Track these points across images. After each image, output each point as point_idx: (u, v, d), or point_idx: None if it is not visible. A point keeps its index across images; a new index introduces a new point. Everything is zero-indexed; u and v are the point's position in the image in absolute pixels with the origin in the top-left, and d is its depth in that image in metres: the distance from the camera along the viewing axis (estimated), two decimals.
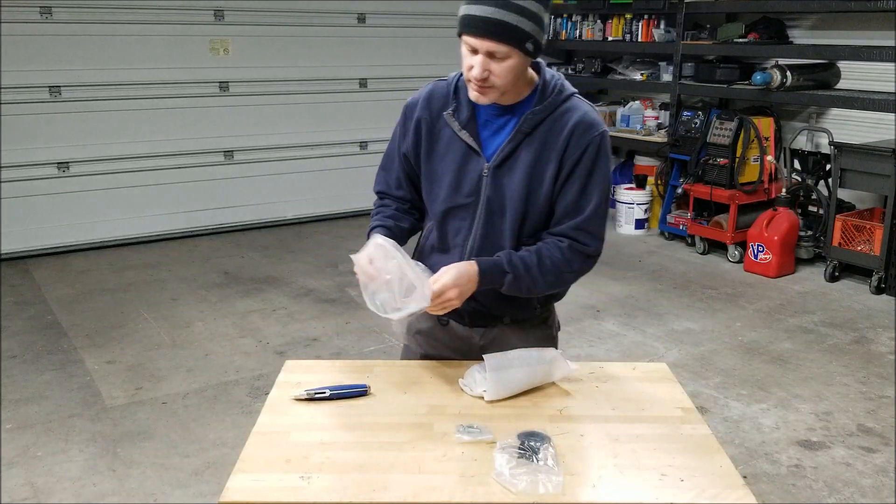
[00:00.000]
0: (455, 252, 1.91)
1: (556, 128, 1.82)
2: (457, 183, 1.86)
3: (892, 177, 4.77)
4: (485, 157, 1.83)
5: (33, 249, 5.64)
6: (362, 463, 1.52)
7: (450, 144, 1.86)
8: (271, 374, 3.74)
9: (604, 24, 6.79)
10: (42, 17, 5.37)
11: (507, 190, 1.83)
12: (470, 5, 1.67)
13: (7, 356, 4.02)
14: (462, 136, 1.83)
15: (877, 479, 3.01)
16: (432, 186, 1.90)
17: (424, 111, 1.89)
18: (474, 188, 1.85)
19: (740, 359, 4.06)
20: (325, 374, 1.90)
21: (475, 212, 1.87)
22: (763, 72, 5.37)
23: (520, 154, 1.82)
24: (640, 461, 1.55)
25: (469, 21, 1.67)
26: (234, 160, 6.32)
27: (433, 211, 1.93)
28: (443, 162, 1.87)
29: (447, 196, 1.87)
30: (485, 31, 1.66)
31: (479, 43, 1.67)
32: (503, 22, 1.65)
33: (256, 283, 5.17)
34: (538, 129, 1.82)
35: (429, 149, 1.89)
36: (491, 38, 1.66)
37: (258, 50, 6.17)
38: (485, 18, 1.65)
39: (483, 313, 1.96)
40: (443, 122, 1.86)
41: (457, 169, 1.85)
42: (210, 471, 3.03)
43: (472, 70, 1.71)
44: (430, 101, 1.89)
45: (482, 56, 1.69)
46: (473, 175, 1.84)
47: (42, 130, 5.52)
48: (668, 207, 6.19)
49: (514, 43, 1.67)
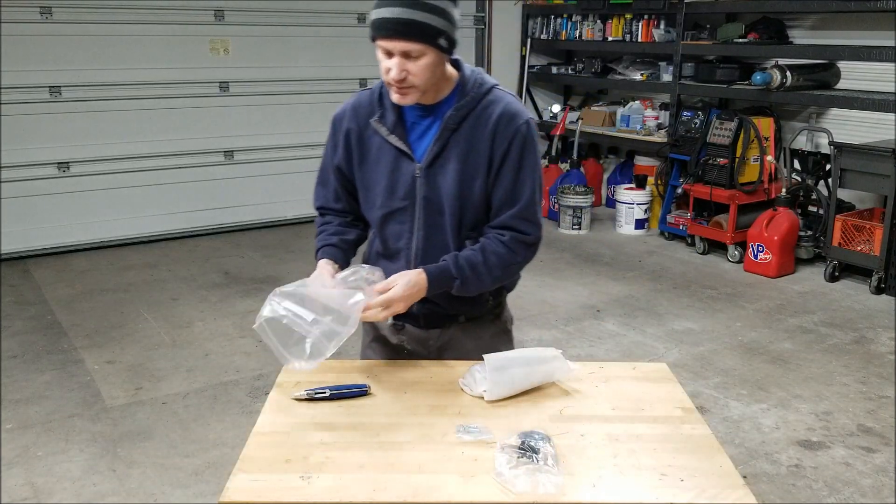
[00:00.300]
0: (401, 256, 1.93)
1: (482, 121, 1.83)
2: (391, 187, 1.88)
3: (891, 177, 4.78)
4: (415, 159, 1.85)
5: (33, 249, 5.64)
6: (362, 463, 1.52)
7: (380, 151, 1.88)
8: (271, 374, 3.74)
9: (604, 24, 6.79)
10: (42, 17, 5.37)
11: (442, 188, 1.85)
12: (378, 9, 1.69)
13: (7, 356, 4.02)
14: (391, 140, 1.85)
15: (877, 479, 3.01)
16: (368, 194, 1.93)
17: (352, 122, 1.91)
18: (409, 191, 1.87)
19: (740, 359, 4.06)
20: (325, 374, 1.90)
21: (413, 214, 1.89)
22: (763, 72, 5.37)
23: (449, 151, 1.84)
24: (640, 461, 1.55)
25: (379, 24, 1.69)
26: (234, 160, 6.32)
27: (372, 218, 1.96)
28: (376, 169, 1.89)
29: (383, 201, 1.90)
30: (396, 31, 1.67)
31: (393, 44, 1.69)
32: (412, 20, 1.66)
33: (256, 283, 5.17)
34: (464, 125, 1.83)
35: (361, 158, 1.91)
36: (403, 38, 1.68)
37: (258, 50, 6.17)
38: (394, 19, 1.66)
39: (438, 314, 1.98)
40: (371, 130, 1.88)
41: (389, 174, 1.87)
42: (210, 471, 3.03)
43: (389, 73, 1.72)
44: (357, 110, 1.91)
45: (397, 57, 1.71)
46: (406, 178, 1.86)
47: (42, 130, 5.52)
48: (668, 207, 6.19)
49: (426, 40, 1.69)
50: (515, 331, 2.19)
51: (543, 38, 7.32)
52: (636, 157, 6.84)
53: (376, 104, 1.88)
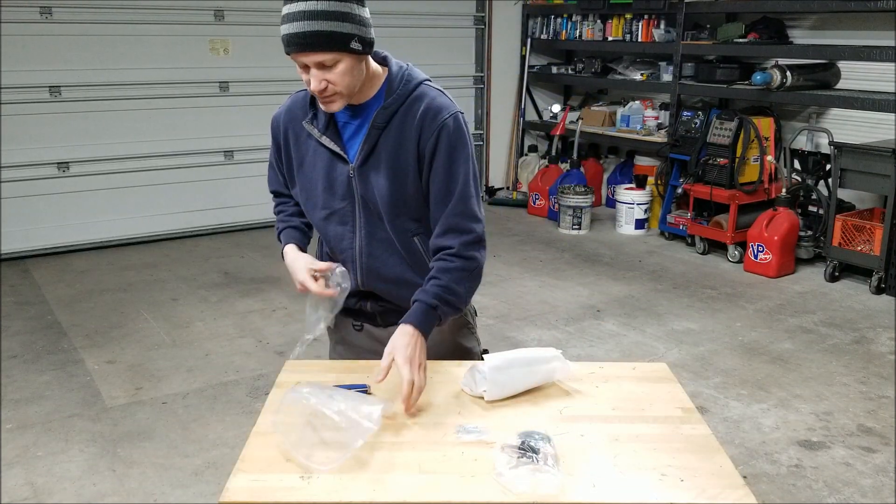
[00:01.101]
0: (347, 256, 1.93)
1: (409, 118, 1.83)
2: (330, 188, 1.88)
3: (892, 177, 4.78)
4: (349, 160, 1.85)
5: (33, 249, 5.64)
6: (362, 463, 1.52)
7: (316, 152, 1.89)
8: (271, 374, 3.74)
9: (604, 24, 6.79)
10: (42, 17, 5.37)
11: (376, 188, 1.85)
12: (284, 25, 1.70)
13: (7, 356, 4.02)
14: (324, 142, 1.85)
15: (877, 479, 3.01)
16: (308, 195, 1.93)
17: (288, 123, 1.93)
18: (346, 191, 1.87)
19: (740, 359, 4.06)
20: (325, 374, 1.90)
21: (354, 214, 1.89)
22: (763, 72, 5.37)
23: (379, 150, 1.84)
24: (640, 461, 1.55)
25: (289, 40, 1.69)
26: (234, 160, 6.32)
27: (314, 219, 1.96)
28: (314, 170, 1.90)
29: (324, 202, 1.90)
30: (305, 45, 1.67)
31: (305, 58, 1.69)
32: (319, 31, 1.66)
33: (256, 283, 5.17)
34: (392, 122, 1.83)
35: (300, 159, 1.91)
36: (313, 50, 1.68)
37: (258, 50, 6.17)
38: (300, 34, 1.66)
39: (391, 310, 1.97)
40: (306, 132, 1.89)
41: (326, 175, 1.88)
42: (210, 471, 3.03)
43: (310, 85, 1.73)
44: (292, 112, 1.93)
45: (314, 69, 1.71)
46: (342, 178, 1.87)
47: (42, 130, 5.53)
48: (668, 207, 6.19)
49: (336, 48, 1.68)
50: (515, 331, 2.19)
51: (543, 37, 7.32)
52: (636, 157, 6.85)
53: (308, 105, 1.88)
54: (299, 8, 1.66)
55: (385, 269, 1.92)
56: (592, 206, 6.52)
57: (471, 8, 7.18)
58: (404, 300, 1.89)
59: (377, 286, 1.95)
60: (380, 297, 1.92)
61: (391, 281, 1.94)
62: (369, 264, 1.92)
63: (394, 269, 1.92)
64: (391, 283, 1.94)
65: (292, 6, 1.68)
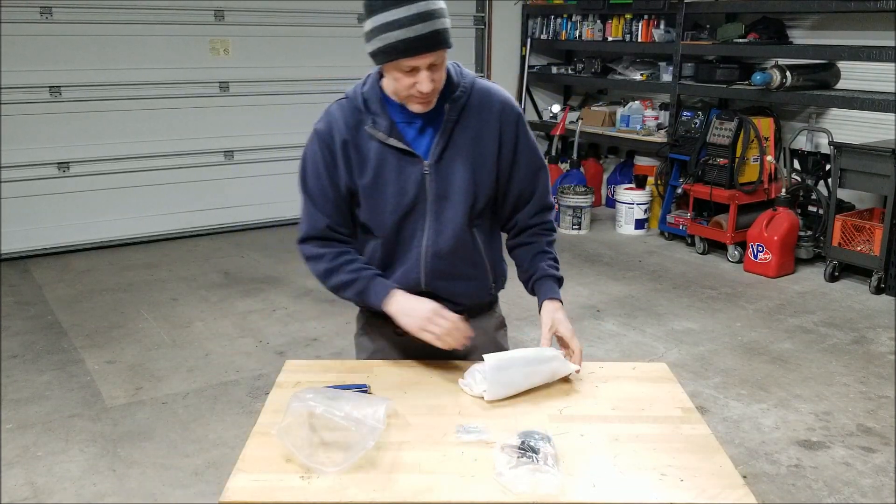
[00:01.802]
0: (412, 254, 1.93)
1: (483, 111, 1.87)
2: (400, 190, 1.86)
3: (891, 177, 4.78)
4: (421, 156, 1.85)
5: (33, 249, 5.64)
6: (362, 463, 1.52)
7: (381, 156, 1.85)
8: (271, 374, 3.74)
9: (604, 25, 6.79)
10: (42, 17, 5.37)
11: (453, 181, 1.86)
12: (397, 31, 1.66)
13: (7, 356, 4.02)
14: (391, 143, 1.84)
15: (877, 479, 3.01)
16: (377, 202, 1.89)
17: (344, 133, 1.86)
18: (418, 190, 1.87)
19: (740, 359, 4.06)
20: (325, 374, 1.91)
21: (425, 211, 1.89)
22: (763, 72, 5.37)
23: (455, 143, 1.85)
24: (640, 461, 1.55)
25: (406, 45, 1.66)
26: (234, 160, 6.32)
27: (383, 225, 1.91)
28: (380, 175, 1.86)
29: (394, 206, 1.88)
30: (427, 47, 1.67)
31: (422, 60, 1.69)
32: (435, 32, 1.67)
33: (256, 283, 5.17)
34: (464, 115, 1.85)
35: (361, 167, 1.87)
36: (431, 51, 1.68)
37: (258, 50, 6.17)
38: (423, 36, 1.66)
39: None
40: (365, 138, 1.85)
41: (397, 176, 1.86)
42: (210, 471, 3.03)
43: (416, 86, 1.72)
44: (344, 122, 1.87)
45: (425, 71, 1.70)
46: (414, 177, 1.86)
47: (42, 130, 5.52)
48: (668, 207, 6.19)
49: (447, 44, 1.71)
50: (515, 331, 2.20)
51: (543, 38, 7.32)
52: (636, 157, 6.84)
53: (364, 111, 1.85)
54: (411, 12, 1.65)
55: (449, 266, 1.94)
56: (592, 206, 6.52)
57: (471, 8, 7.18)
58: (460, 296, 1.97)
59: (439, 284, 1.95)
60: (435, 297, 1.93)
61: (454, 277, 1.96)
62: (434, 263, 1.92)
63: (457, 266, 1.95)
64: (453, 278, 1.96)
65: (398, 11, 1.65)
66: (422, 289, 1.95)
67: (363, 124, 1.85)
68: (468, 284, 1.99)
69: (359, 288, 1.90)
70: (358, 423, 1.55)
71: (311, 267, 1.95)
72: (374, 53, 1.73)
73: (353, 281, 1.90)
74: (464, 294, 1.98)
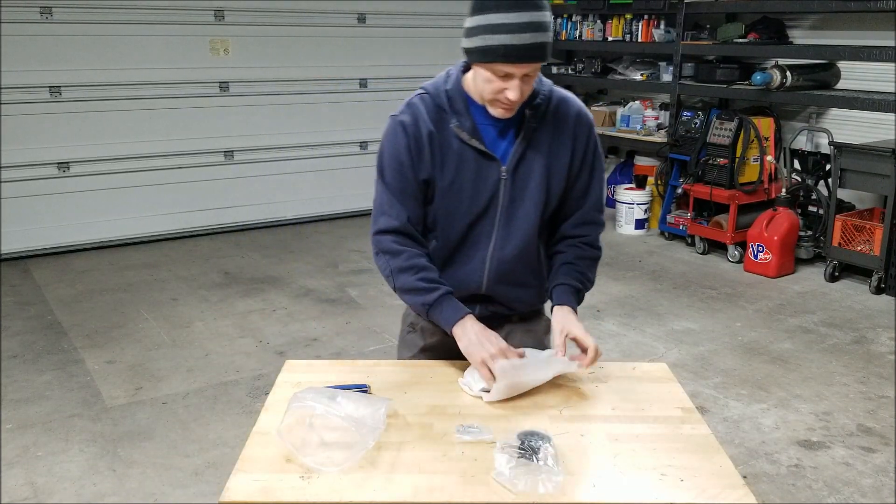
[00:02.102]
0: (477, 257, 1.93)
1: (559, 120, 1.87)
2: (475, 193, 1.86)
3: (891, 177, 4.77)
4: (499, 160, 1.85)
5: (33, 249, 5.64)
6: (362, 463, 1.52)
7: (461, 156, 1.84)
8: (271, 374, 3.74)
9: (604, 25, 6.79)
10: (42, 17, 5.37)
11: (528, 187, 1.87)
12: (504, 35, 1.64)
13: (7, 356, 4.02)
14: (473, 144, 1.83)
15: (877, 479, 3.01)
16: (450, 202, 1.87)
17: (430, 126, 1.84)
18: (493, 194, 1.86)
19: (740, 359, 4.06)
20: (325, 374, 1.90)
21: (495, 215, 1.89)
22: (763, 72, 5.37)
23: (532, 151, 1.85)
24: (640, 461, 1.55)
25: (509, 51, 1.65)
26: (234, 160, 6.32)
27: (452, 227, 1.90)
28: (459, 175, 1.85)
29: (468, 208, 1.87)
30: (529, 57, 1.67)
31: (519, 69, 1.68)
32: (542, 44, 1.67)
33: (256, 283, 5.17)
34: (542, 124, 1.86)
35: (443, 164, 1.85)
36: (532, 62, 1.69)
37: (258, 50, 6.17)
38: (528, 46, 1.65)
39: (497, 315, 2.00)
40: (447, 135, 1.84)
41: (474, 179, 1.85)
42: (210, 471, 3.03)
43: (505, 93, 1.72)
44: (429, 115, 1.85)
45: (518, 80, 1.70)
46: (491, 181, 1.85)
47: (42, 130, 5.52)
48: (668, 207, 6.19)
49: (546, 59, 1.71)
50: None
51: None
52: (636, 157, 6.84)
53: (448, 109, 1.84)
54: (522, 19, 1.64)
55: (512, 273, 1.95)
56: None
57: None
58: (515, 302, 2.00)
59: (498, 289, 1.96)
60: (492, 300, 1.95)
61: (515, 283, 1.97)
62: (499, 268, 1.92)
63: (519, 273, 1.96)
64: (514, 285, 1.97)
65: (510, 16, 1.64)
66: (481, 292, 1.95)
67: (446, 122, 1.84)
68: (526, 292, 2.00)
69: (429, 300, 1.85)
70: (358, 423, 1.55)
71: (381, 261, 1.90)
72: (472, 51, 1.72)
73: (425, 290, 1.85)
74: (520, 301, 2.00)
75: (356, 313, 4.63)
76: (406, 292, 1.89)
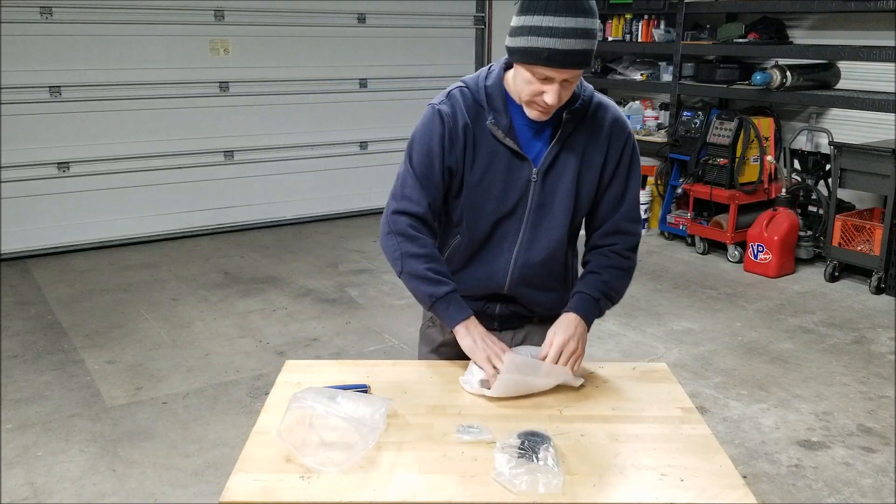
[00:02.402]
0: (502, 258, 1.92)
1: (595, 126, 1.85)
2: (504, 192, 1.85)
3: (891, 177, 4.77)
4: (531, 162, 1.84)
5: (33, 249, 5.64)
6: (362, 463, 1.52)
7: (493, 153, 1.83)
8: (271, 374, 3.74)
9: (604, 24, 6.78)
10: (42, 17, 5.37)
11: (558, 190, 1.86)
12: (549, 38, 1.63)
13: (7, 356, 4.02)
14: (507, 143, 1.82)
15: (877, 479, 3.01)
16: (477, 199, 1.86)
17: (467, 119, 1.83)
18: (522, 194, 1.85)
19: (740, 359, 4.06)
20: (325, 374, 1.90)
21: (523, 216, 1.88)
22: (763, 72, 5.37)
23: (565, 155, 1.84)
24: (640, 461, 1.55)
25: (551, 55, 1.64)
26: (234, 160, 6.32)
27: (477, 224, 1.89)
28: (488, 172, 1.84)
29: (495, 207, 1.86)
30: (571, 63, 1.65)
31: (559, 73, 1.67)
32: (587, 51, 1.66)
33: (256, 283, 5.17)
34: (578, 129, 1.84)
35: (474, 159, 1.84)
36: (574, 68, 1.67)
37: (258, 50, 6.17)
38: (572, 52, 1.64)
39: (517, 315, 2.00)
40: (482, 131, 1.83)
41: (504, 178, 1.84)
42: (210, 471, 3.03)
43: (543, 96, 1.70)
44: (467, 109, 1.83)
45: (557, 85, 1.69)
46: (521, 181, 1.84)
47: (42, 130, 5.52)
48: (668, 207, 6.19)
49: (589, 66, 1.70)
50: None
51: None
52: None
53: (486, 105, 1.82)
54: (569, 25, 1.62)
55: (535, 275, 1.93)
56: None
57: (471, 8, 7.18)
58: (539, 306, 1.98)
59: (521, 291, 1.95)
60: (513, 301, 1.94)
61: (539, 287, 1.96)
62: (523, 271, 1.92)
63: (544, 277, 1.95)
64: (538, 289, 1.96)
65: (556, 20, 1.62)
66: (503, 292, 1.95)
67: (482, 117, 1.83)
68: (549, 296, 1.99)
69: (438, 293, 1.83)
70: (358, 423, 1.55)
71: (391, 241, 1.86)
72: (515, 51, 1.70)
73: (435, 281, 1.83)
74: (542, 304, 1.99)
75: (356, 313, 4.63)
76: (413, 278, 1.85)
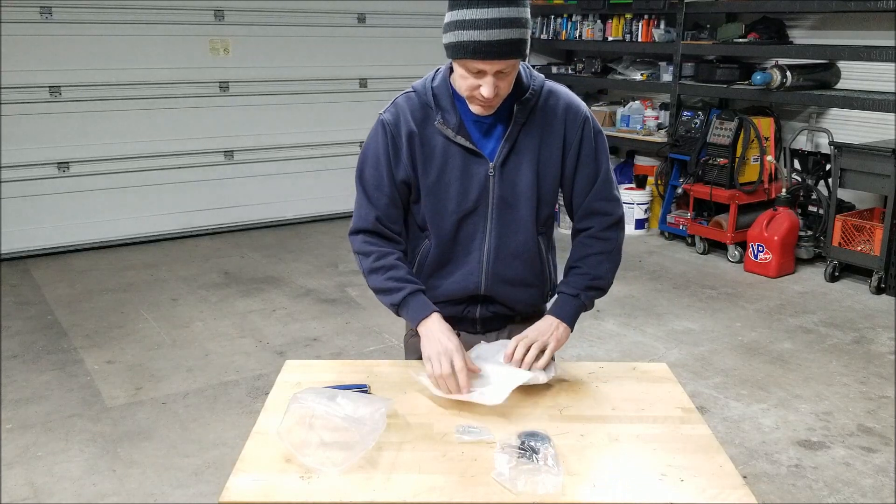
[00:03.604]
0: (472, 257, 1.91)
1: (548, 115, 1.84)
2: (464, 190, 1.84)
3: (892, 177, 4.77)
4: (486, 157, 1.83)
5: (33, 249, 5.64)
6: (362, 463, 1.52)
7: (446, 153, 1.83)
8: (271, 374, 3.74)
9: (604, 24, 6.78)
10: (42, 17, 5.37)
11: (518, 183, 1.84)
12: (473, 31, 1.62)
13: (7, 356, 4.02)
14: (458, 141, 1.81)
15: (877, 479, 3.01)
16: (437, 200, 1.86)
17: (411, 125, 1.82)
18: (482, 190, 1.84)
19: (740, 359, 4.06)
20: (325, 374, 1.90)
21: (486, 213, 1.87)
22: (763, 72, 5.37)
23: (521, 146, 1.83)
24: (640, 461, 1.55)
25: (477, 47, 1.62)
26: (234, 160, 6.32)
27: (442, 226, 1.88)
28: (444, 173, 1.84)
29: (456, 206, 1.85)
30: (497, 54, 1.63)
31: (490, 65, 1.65)
32: (510, 40, 1.63)
33: (256, 283, 5.17)
34: (531, 118, 1.83)
35: (426, 164, 1.84)
36: (502, 59, 1.64)
37: (258, 50, 6.17)
38: (495, 42, 1.62)
39: (499, 315, 1.99)
40: (431, 133, 1.82)
41: (461, 176, 1.83)
42: (210, 471, 3.03)
43: (478, 90, 1.69)
44: (412, 114, 1.83)
45: (491, 77, 1.67)
46: (479, 177, 1.83)
47: (42, 130, 5.52)
48: (668, 207, 6.19)
49: (520, 55, 1.67)
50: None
51: (543, 37, 7.32)
52: (636, 157, 6.84)
53: (433, 106, 1.82)
54: (491, 15, 1.60)
55: (510, 271, 1.92)
56: None
57: None
58: (519, 302, 1.97)
59: (498, 289, 1.94)
60: (492, 301, 1.93)
61: (514, 283, 1.94)
62: (496, 268, 1.91)
63: (518, 271, 1.93)
64: (513, 284, 1.94)
65: (479, 12, 1.61)
66: (481, 293, 1.94)
67: (431, 119, 1.82)
68: (528, 292, 1.97)
69: (396, 299, 1.85)
70: (358, 423, 1.55)
71: (357, 261, 1.93)
72: (447, 47, 1.70)
73: (392, 290, 1.85)
74: (522, 301, 1.98)
75: (356, 313, 4.63)
76: (378, 293, 1.90)
